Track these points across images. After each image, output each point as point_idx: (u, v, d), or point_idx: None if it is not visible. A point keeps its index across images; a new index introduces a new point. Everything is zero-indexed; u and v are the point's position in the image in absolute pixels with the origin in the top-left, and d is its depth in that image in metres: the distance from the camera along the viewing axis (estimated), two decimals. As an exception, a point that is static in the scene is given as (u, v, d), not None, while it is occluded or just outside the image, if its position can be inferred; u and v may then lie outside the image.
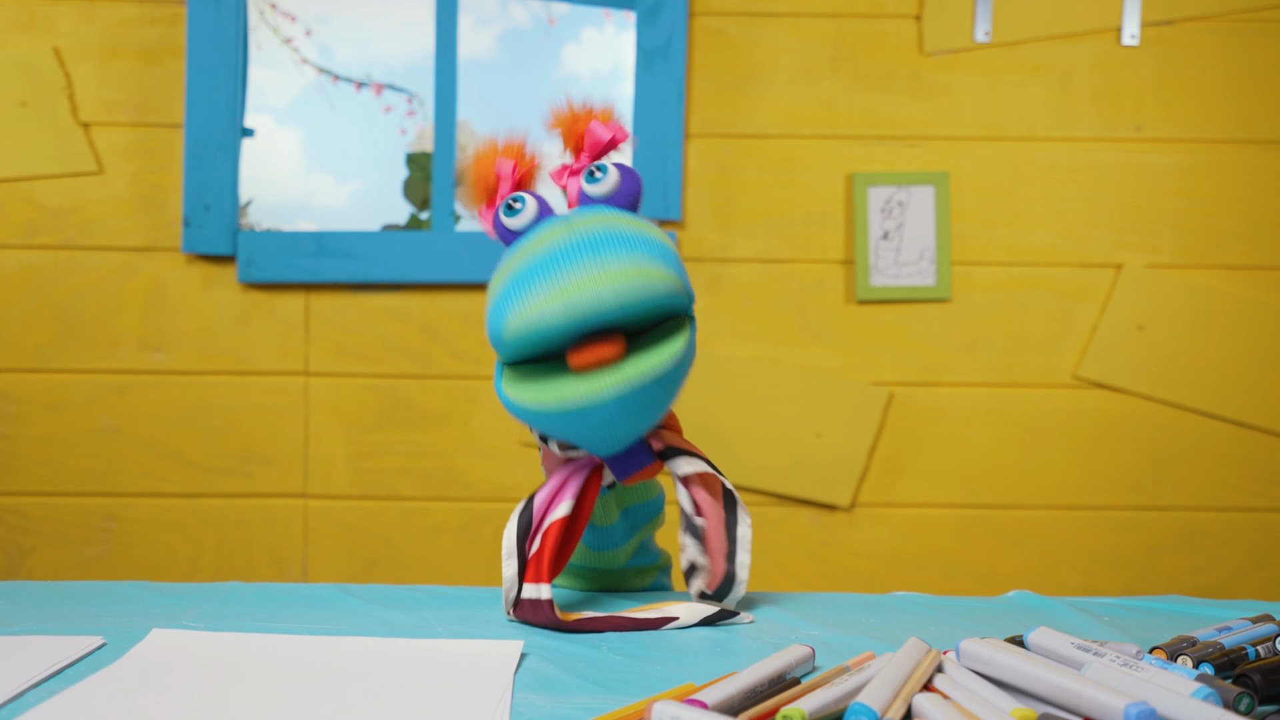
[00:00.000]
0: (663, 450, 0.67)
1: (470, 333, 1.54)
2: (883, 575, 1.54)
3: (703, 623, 0.64)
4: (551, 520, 0.64)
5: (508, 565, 0.64)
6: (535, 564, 0.63)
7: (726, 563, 0.66)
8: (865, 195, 1.53)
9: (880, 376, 1.54)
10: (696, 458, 0.66)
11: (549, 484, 0.66)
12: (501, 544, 0.65)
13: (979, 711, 0.43)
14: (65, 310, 1.53)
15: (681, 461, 0.66)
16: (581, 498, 0.65)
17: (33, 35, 1.53)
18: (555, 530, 0.64)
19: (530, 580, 0.63)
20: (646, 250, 0.60)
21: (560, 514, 0.64)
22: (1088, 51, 1.53)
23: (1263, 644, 0.53)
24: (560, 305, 0.57)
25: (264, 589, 0.71)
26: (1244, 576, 1.54)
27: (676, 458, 0.66)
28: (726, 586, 0.67)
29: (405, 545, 1.54)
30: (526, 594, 0.63)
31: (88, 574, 1.52)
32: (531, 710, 0.47)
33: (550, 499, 0.65)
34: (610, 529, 0.71)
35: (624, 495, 0.71)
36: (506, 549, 0.64)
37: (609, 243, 0.59)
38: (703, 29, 1.54)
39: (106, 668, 0.52)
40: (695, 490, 0.66)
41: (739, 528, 0.67)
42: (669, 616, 0.64)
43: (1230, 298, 1.53)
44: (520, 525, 0.65)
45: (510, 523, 0.65)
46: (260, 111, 1.67)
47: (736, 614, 0.65)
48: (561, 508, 0.64)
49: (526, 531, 0.65)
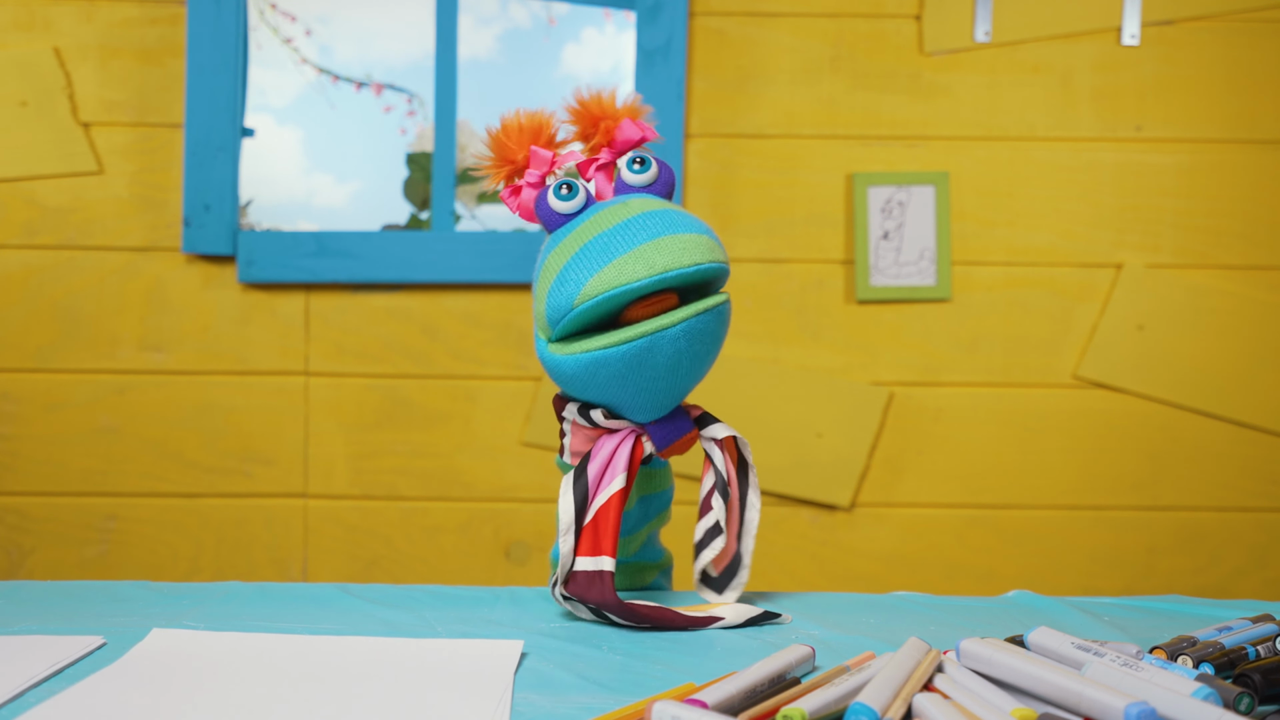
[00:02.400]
0: (699, 418, 0.69)
1: (470, 333, 1.54)
2: (883, 575, 1.54)
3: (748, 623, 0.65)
4: (611, 493, 0.65)
5: (565, 540, 0.64)
6: (592, 535, 0.64)
7: (737, 542, 0.68)
8: (865, 195, 1.53)
9: (880, 376, 1.54)
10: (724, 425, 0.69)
11: (598, 454, 0.66)
12: (558, 518, 0.65)
13: (979, 711, 0.43)
14: (65, 310, 1.53)
15: (718, 426, 0.68)
16: (629, 471, 0.66)
17: (33, 35, 1.53)
18: (615, 503, 0.64)
19: (587, 554, 0.64)
20: (702, 228, 0.66)
21: (617, 487, 0.65)
22: (1088, 51, 1.53)
23: (1263, 644, 0.53)
24: (644, 266, 0.62)
25: (264, 589, 0.71)
26: (1244, 576, 1.54)
27: (713, 424, 0.69)
28: (733, 568, 0.68)
29: (405, 545, 1.54)
30: (583, 566, 0.63)
31: (88, 574, 1.52)
32: (531, 710, 0.47)
33: (603, 470, 0.66)
34: (629, 513, 0.72)
35: (643, 482, 0.72)
36: (564, 524, 0.65)
37: (675, 217, 0.65)
38: (703, 29, 1.54)
39: (106, 667, 0.52)
40: (728, 458, 0.69)
41: (749, 511, 0.68)
42: (715, 617, 0.64)
43: (1230, 298, 1.53)
44: (577, 497, 0.65)
45: (564, 495, 0.65)
46: (260, 111, 1.67)
47: (779, 615, 0.66)
48: (617, 480, 0.65)
49: (583, 503, 0.65)
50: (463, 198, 1.71)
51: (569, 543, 0.64)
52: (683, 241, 0.63)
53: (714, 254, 0.64)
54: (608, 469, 0.66)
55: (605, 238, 0.64)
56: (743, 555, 0.68)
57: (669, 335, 0.62)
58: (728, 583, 0.67)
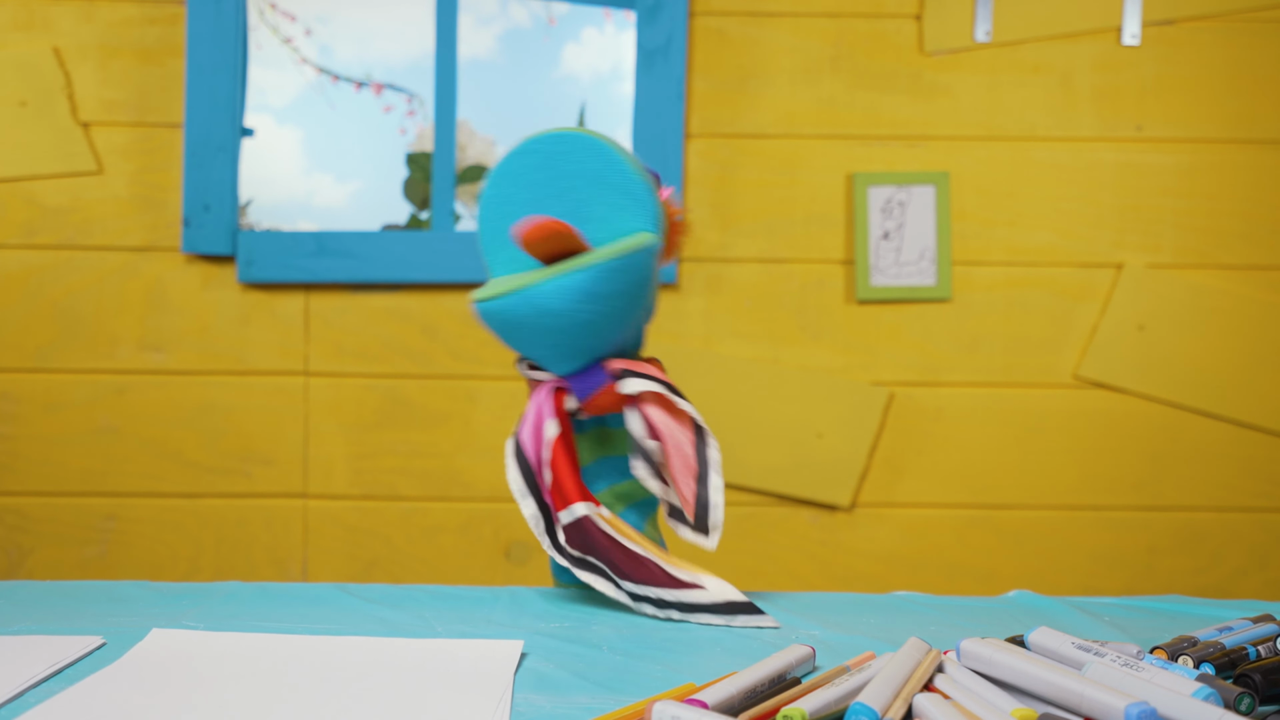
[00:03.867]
0: (619, 373, 0.67)
1: (470, 333, 1.54)
2: (883, 575, 1.54)
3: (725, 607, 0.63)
4: (549, 440, 0.65)
5: (525, 505, 0.65)
6: (558, 490, 0.64)
7: (697, 486, 0.66)
8: (865, 195, 1.53)
9: (880, 376, 1.54)
10: (649, 378, 0.66)
11: (527, 417, 0.67)
12: (509, 486, 0.65)
13: (979, 711, 0.43)
14: (65, 310, 1.53)
15: (633, 381, 0.66)
16: (559, 417, 0.66)
17: (32, 35, 1.53)
18: (559, 447, 0.65)
19: (561, 506, 0.64)
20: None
21: (553, 433, 0.65)
22: (1088, 51, 1.53)
23: (1263, 644, 0.53)
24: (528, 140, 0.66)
25: (264, 589, 0.71)
26: (1245, 576, 1.54)
27: (629, 378, 0.66)
28: (702, 512, 0.66)
29: (405, 545, 1.54)
30: (564, 520, 0.64)
31: (87, 574, 1.52)
32: (531, 710, 0.47)
33: (535, 429, 0.66)
34: (586, 470, 0.71)
35: (600, 441, 0.71)
36: (517, 490, 0.65)
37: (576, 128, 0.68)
38: (703, 29, 1.54)
39: (106, 668, 0.52)
40: (648, 409, 0.66)
41: (709, 450, 0.66)
42: (697, 583, 0.64)
43: (1230, 298, 1.53)
44: (519, 462, 0.66)
45: (509, 466, 0.66)
46: (260, 111, 1.67)
47: (762, 613, 0.64)
48: (550, 428, 0.65)
49: (527, 465, 0.65)
50: (462, 198, 1.70)
51: (530, 506, 0.65)
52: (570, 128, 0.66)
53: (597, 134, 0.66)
54: (539, 425, 0.66)
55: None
56: (710, 495, 0.66)
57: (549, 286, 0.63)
58: (704, 525, 0.66)
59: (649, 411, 0.66)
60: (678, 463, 0.66)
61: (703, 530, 0.66)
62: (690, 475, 0.66)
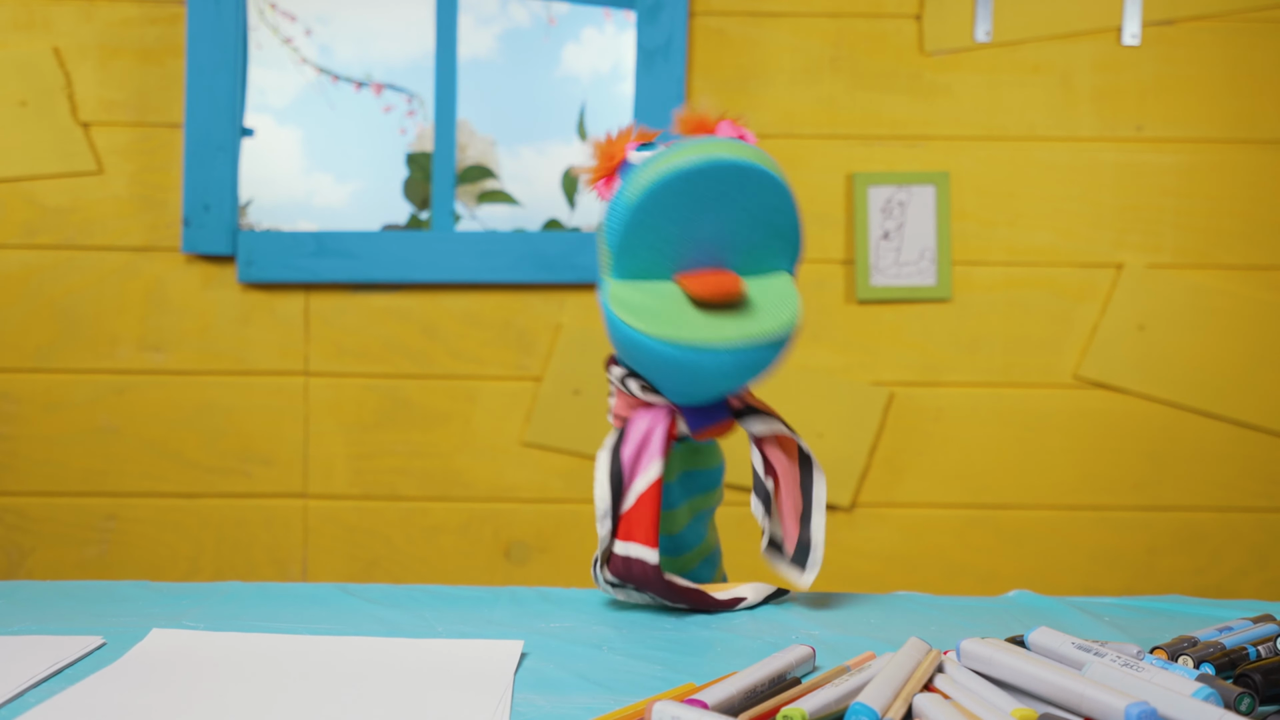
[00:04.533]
0: (740, 409, 0.67)
1: (470, 333, 1.54)
2: (883, 575, 1.54)
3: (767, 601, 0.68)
4: (649, 482, 0.64)
5: (602, 525, 0.65)
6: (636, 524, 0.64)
7: (800, 526, 0.67)
8: (865, 195, 1.53)
9: (880, 376, 1.54)
10: (773, 418, 0.67)
11: (632, 435, 0.66)
12: (595, 503, 0.65)
13: (979, 711, 0.43)
14: (65, 310, 1.53)
15: (756, 420, 0.67)
16: (665, 455, 0.66)
17: (33, 35, 1.53)
18: (654, 491, 0.64)
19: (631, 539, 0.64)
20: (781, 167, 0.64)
21: (655, 474, 0.64)
22: (1088, 51, 1.53)
23: (1263, 644, 0.53)
24: (697, 154, 0.61)
25: (264, 589, 0.71)
26: (1244, 576, 1.54)
27: (751, 416, 0.67)
28: (802, 553, 0.67)
29: (405, 545, 1.54)
30: (625, 551, 0.64)
31: (88, 574, 1.52)
32: (531, 710, 0.47)
33: (637, 453, 0.65)
34: (669, 487, 0.71)
35: (687, 457, 0.71)
36: (601, 509, 0.65)
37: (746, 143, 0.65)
38: (703, 29, 1.54)
39: (106, 667, 0.52)
40: (769, 450, 0.67)
41: (814, 489, 0.67)
42: (738, 597, 0.67)
43: (1230, 298, 1.53)
44: (613, 481, 0.65)
45: (600, 480, 0.65)
46: (260, 111, 1.67)
47: (786, 592, 0.68)
48: (654, 467, 0.65)
49: (619, 488, 0.65)
50: (462, 198, 1.70)
51: (606, 527, 0.65)
52: (737, 144, 0.62)
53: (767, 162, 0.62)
54: (643, 453, 0.65)
55: (666, 150, 0.63)
56: (812, 536, 0.67)
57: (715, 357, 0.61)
58: (801, 562, 0.67)
59: (768, 450, 0.67)
60: (788, 503, 0.67)
61: (799, 566, 0.67)
62: (795, 515, 0.67)
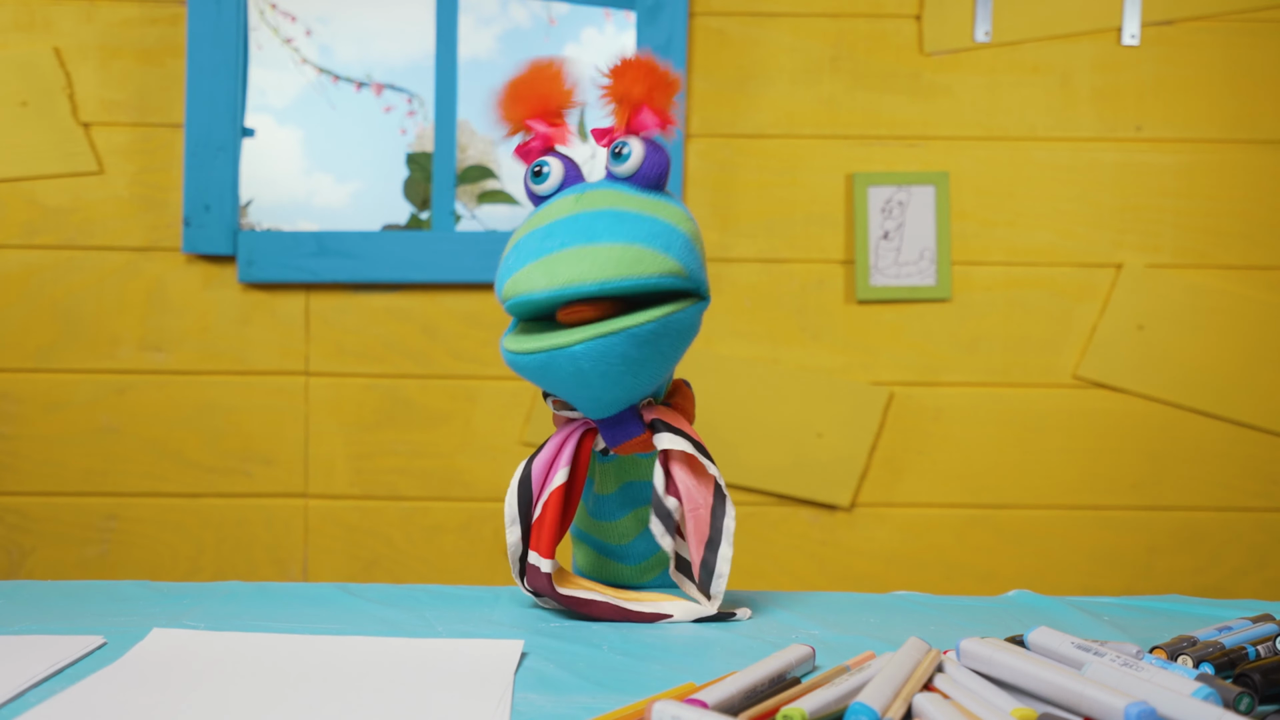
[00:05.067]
0: (651, 422, 0.67)
1: (470, 333, 1.54)
2: (883, 575, 1.54)
3: (697, 621, 0.64)
4: (551, 489, 0.65)
5: (511, 532, 0.65)
6: (537, 534, 0.65)
7: (705, 551, 0.65)
8: (865, 195, 1.53)
9: (880, 376, 1.54)
10: (683, 437, 0.66)
11: (546, 448, 0.67)
12: (504, 512, 0.66)
13: (979, 711, 0.43)
14: (65, 310, 1.53)
15: (665, 437, 0.66)
16: (576, 463, 0.66)
17: (33, 35, 1.53)
18: (555, 500, 0.65)
19: (533, 548, 0.65)
20: (646, 233, 0.62)
21: (558, 482, 0.65)
22: (1088, 51, 1.53)
23: (1263, 644, 0.53)
24: (545, 278, 0.61)
25: (264, 588, 0.71)
26: (1244, 576, 1.54)
27: (662, 432, 0.66)
28: (705, 578, 0.65)
29: (405, 545, 1.54)
30: (531, 560, 0.65)
31: (88, 574, 1.52)
32: (531, 710, 0.47)
33: (548, 465, 0.67)
34: (607, 499, 0.71)
35: (625, 468, 0.71)
36: (509, 516, 0.66)
37: (606, 222, 0.62)
38: (703, 29, 1.54)
39: (107, 667, 0.52)
40: (674, 467, 0.66)
41: (725, 519, 0.65)
42: (662, 614, 0.64)
43: (1230, 298, 1.53)
44: (520, 493, 0.66)
45: (511, 490, 0.66)
46: (260, 111, 1.67)
47: (732, 613, 0.65)
48: (559, 475, 0.65)
49: (528, 498, 0.66)
50: (462, 198, 1.71)
51: (514, 534, 0.65)
52: (598, 254, 0.60)
53: (638, 267, 0.60)
54: (553, 462, 0.66)
55: (534, 237, 0.63)
56: (717, 563, 0.65)
57: (566, 353, 0.61)
58: (706, 591, 0.66)
59: (674, 469, 0.66)
60: (691, 525, 0.66)
61: (704, 592, 0.66)
62: (701, 542, 0.66)
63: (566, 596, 0.64)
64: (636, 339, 0.61)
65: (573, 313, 0.61)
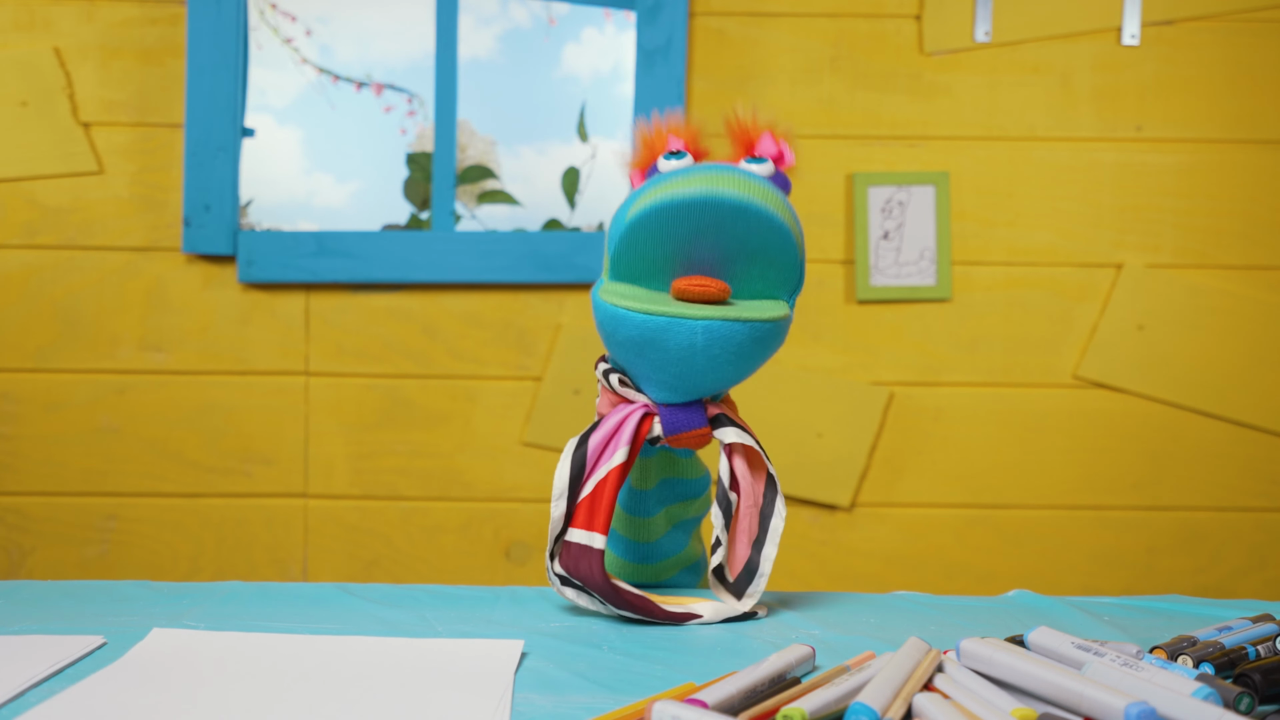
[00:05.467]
0: (715, 417, 0.66)
1: (470, 333, 1.54)
2: (883, 575, 1.54)
3: (728, 621, 0.65)
4: (610, 467, 0.63)
5: (557, 506, 0.64)
6: (589, 509, 0.63)
7: (751, 550, 0.66)
8: (865, 195, 1.53)
9: (880, 376, 1.54)
10: (747, 433, 0.66)
11: (604, 425, 0.65)
12: (553, 483, 0.64)
13: (979, 711, 0.43)
14: (65, 310, 1.53)
15: (731, 431, 0.66)
16: (633, 446, 0.65)
17: (33, 35, 1.53)
18: (614, 477, 0.63)
19: (581, 526, 0.63)
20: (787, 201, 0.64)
21: (617, 461, 0.63)
22: (1088, 51, 1.54)
23: (1263, 644, 0.53)
24: (699, 187, 0.61)
25: (264, 588, 0.71)
26: (1244, 576, 1.54)
27: (726, 426, 0.66)
28: (746, 577, 0.66)
29: (405, 545, 1.54)
30: (575, 538, 0.63)
31: (88, 573, 1.52)
32: (531, 710, 0.47)
33: (605, 442, 0.65)
34: (646, 494, 0.70)
35: (666, 464, 0.70)
36: (558, 489, 0.64)
37: (759, 175, 0.64)
38: (703, 29, 1.54)
39: (107, 667, 0.52)
40: (736, 462, 0.66)
41: (774, 518, 0.66)
42: (693, 614, 0.64)
43: (1230, 298, 1.53)
44: (574, 466, 0.64)
45: (563, 462, 0.64)
46: (260, 111, 1.67)
47: (755, 613, 0.65)
48: (619, 454, 0.64)
49: (580, 472, 0.64)
50: (463, 198, 1.71)
51: (560, 508, 0.64)
52: (757, 187, 0.61)
53: (777, 205, 0.61)
54: (611, 440, 0.65)
55: (677, 172, 0.63)
56: (760, 563, 0.65)
57: (686, 325, 0.61)
58: (743, 590, 0.66)
59: (736, 464, 0.66)
60: (744, 522, 0.66)
61: (737, 595, 0.66)
62: (749, 539, 0.66)
63: (607, 582, 0.62)
64: (757, 332, 0.62)
65: (697, 284, 0.61)
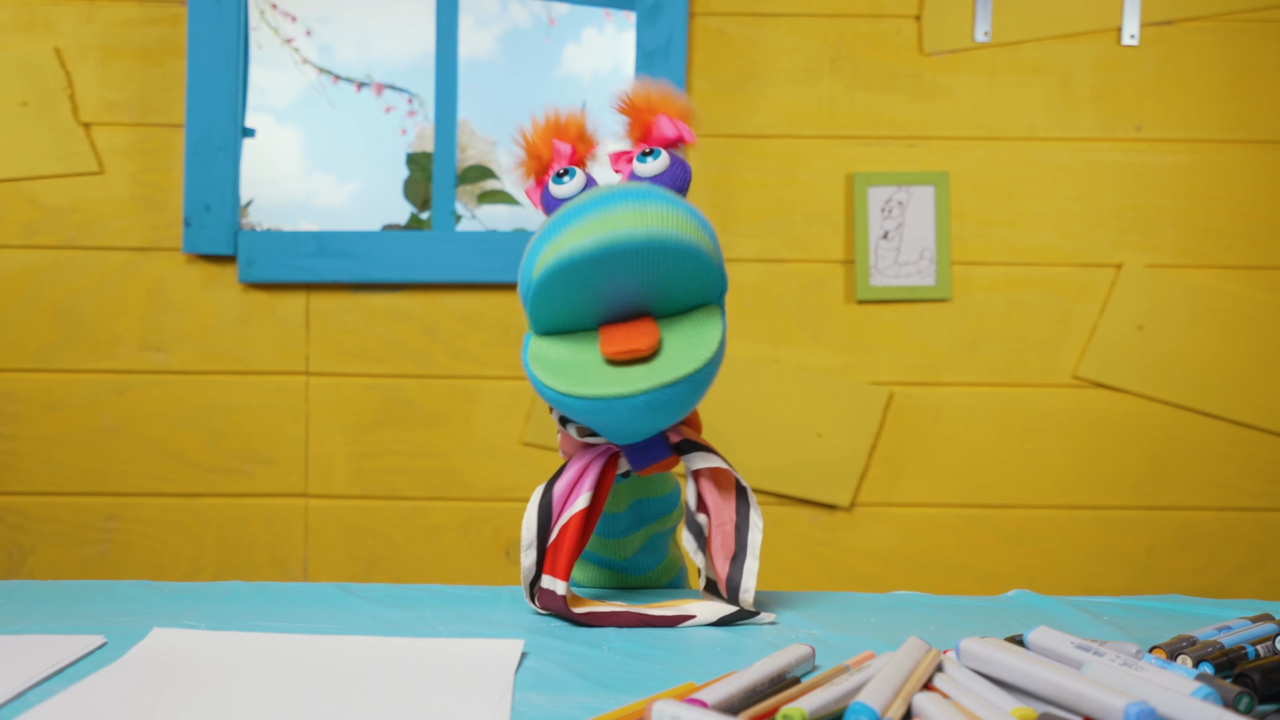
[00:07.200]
0: (679, 444, 0.66)
1: (470, 333, 1.54)
2: (883, 575, 1.54)
3: (720, 622, 0.64)
4: (571, 513, 0.64)
5: (526, 556, 0.64)
6: (553, 556, 0.63)
7: (730, 566, 0.66)
8: (865, 195, 1.53)
9: (880, 376, 1.54)
10: (712, 454, 0.66)
11: (568, 472, 0.65)
12: (521, 533, 0.64)
13: (979, 711, 0.43)
14: (66, 310, 1.53)
15: (697, 456, 0.66)
16: (598, 488, 0.65)
17: (33, 35, 1.53)
18: (575, 524, 0.63)
19: (547, 572, 0.63)
20: (687, 211, 0.61)
21: (579, 506, 0.64)
22: (1088, 51, 1.54)
23: (1262, 643, 0.53)
24: (594, 237, 0.57)
25: (264, 588, 0.71)
26: (1244, 576, 1.54)
27: (692, 452, 0.66)
28: (732, 593, 0.65)
29: (405, 545, 1.54)
30: (544, 583, 0.63)
31: (89, 573, 1.52)
32: (531, 710, 0.47)
33: (569, 489, 0.65)
34: (618, 517, 0.71)
35: (636, 486, 0.71)
36: (526, 540, 0.64)
37: (652, 193, 0.60)
38: (703, 29, 1.54)
39: (107, 667, 0.52)
40: (704, 486, 0.66)
41: (750, 532, 0.66)
42: (685, 615, 0.64)
43: (1230, 298, 1.53)
44: (540, 515, 0.64)
45: (529, 512, 0.64)
46: (260, 111, 1.67)
47: (756, 614, 0.65)
48: (580, 500, 0.64)
49: (546, 521, 0.64)
50: (463, 198, 1.71)
51: (530, 558, 0.64)
52: (649, 215, 0.57)
53: (685, 237, 0.58)
54: (574, 487, 0.65)
55: (574, 208, 0.60)
56: (743, 578, 0.65)
57: (627, 403, 0.59)
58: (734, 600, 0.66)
59: (703, 487, 0.66)
60: (717, 541, 0.66)
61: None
62: (726, 557, 0.66)
63: (584, 614, 0.63)
64: (698, 378, 0.60)
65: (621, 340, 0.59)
